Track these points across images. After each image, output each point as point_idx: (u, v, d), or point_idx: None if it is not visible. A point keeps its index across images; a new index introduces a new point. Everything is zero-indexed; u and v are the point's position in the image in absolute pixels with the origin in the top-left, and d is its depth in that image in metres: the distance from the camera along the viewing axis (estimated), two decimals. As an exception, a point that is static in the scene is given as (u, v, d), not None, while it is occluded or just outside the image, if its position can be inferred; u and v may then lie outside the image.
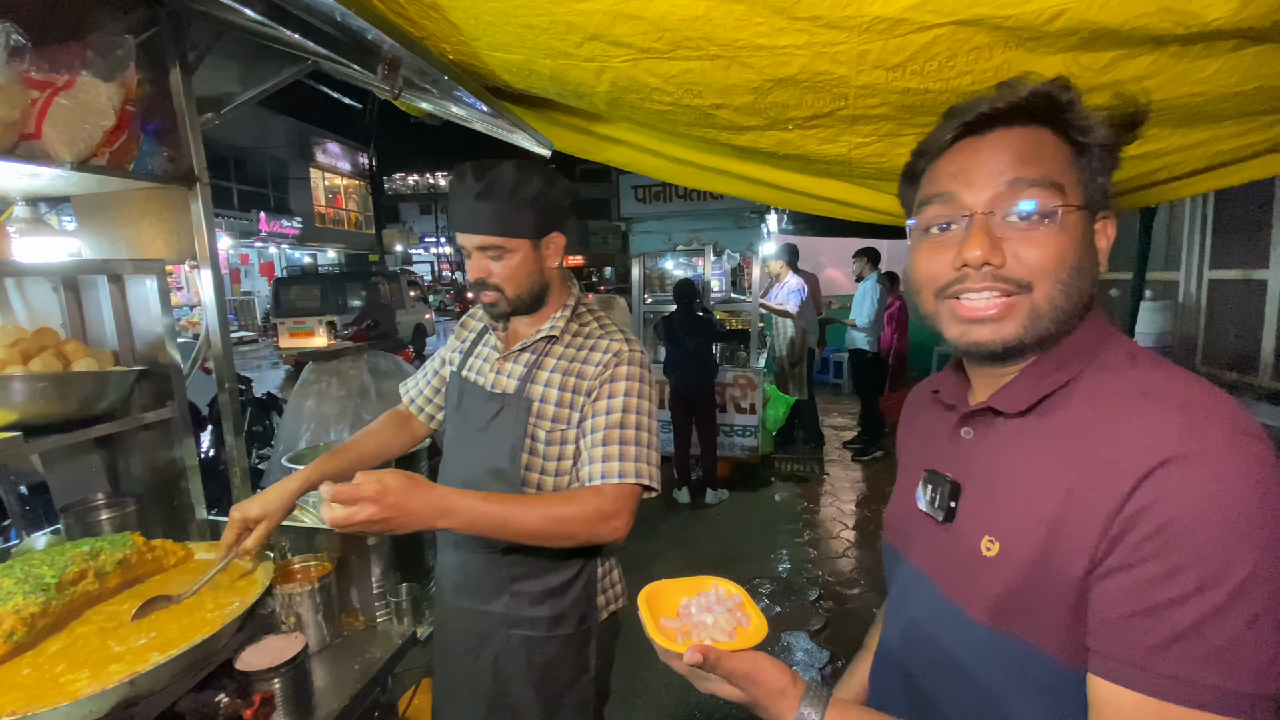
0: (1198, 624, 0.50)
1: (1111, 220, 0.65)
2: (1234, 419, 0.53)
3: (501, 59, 1.02)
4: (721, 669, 0.62)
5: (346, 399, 3.47)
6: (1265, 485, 0.50)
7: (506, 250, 1.18)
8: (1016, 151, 0.61)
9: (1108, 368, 0.62)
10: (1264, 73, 0.99)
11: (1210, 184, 1.55)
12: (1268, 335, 5.19)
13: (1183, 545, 0.50)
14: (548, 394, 1.23)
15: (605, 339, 1.24)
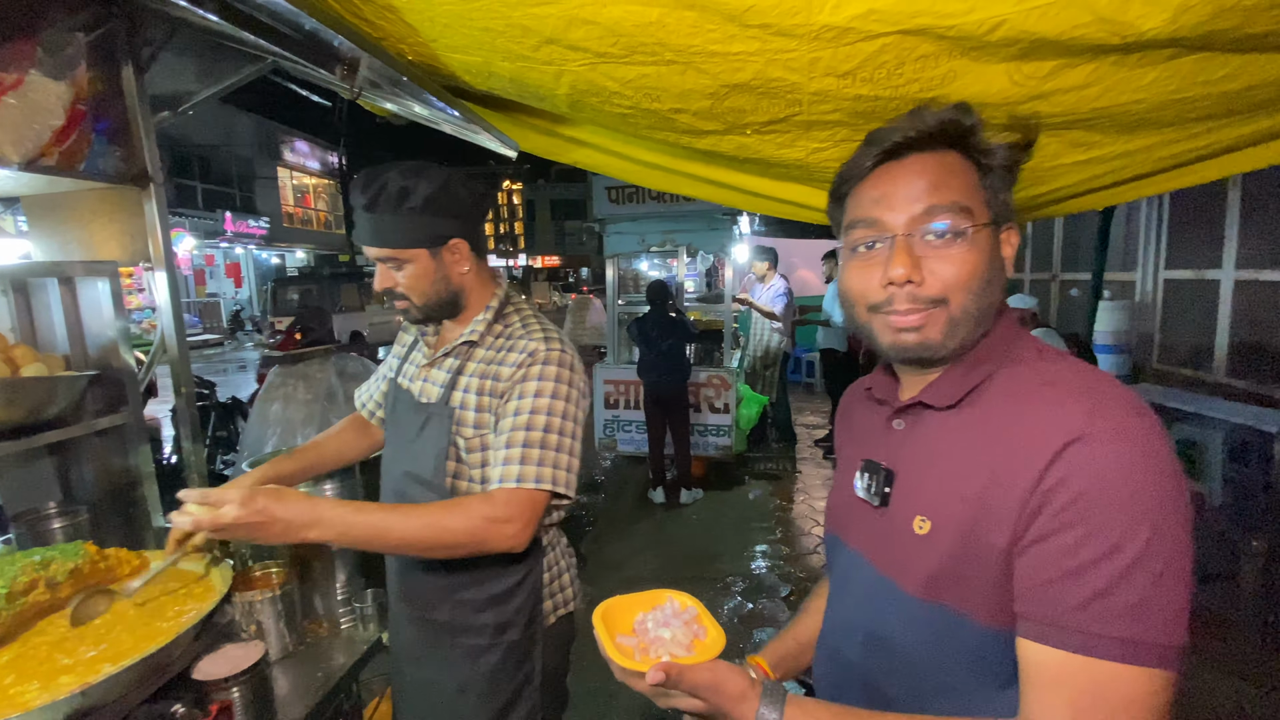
0: (1111, 584, 0.55)
1: (1015, 230, 0.72)
2: (1129, 402, 0.61)
3: (461, 60, 1.02)
4: (685, 684, 0.64)
5: (313, 403, 3.42)
6: (1158, 457, 0.57)
7: (404, 261, 1.15)
8: (929, 178, 0.67)
9: (1020, 362, 0.69)
10: (1201, 80, 1.03)
11: (1156, 188, 1.62)
12: (1220, 333, 5.40)
13: (1093, 514, 0.56)
14: (468, 400, 1.20)
15: (524, 339, 1.20)
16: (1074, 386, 0.63)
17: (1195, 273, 5.67)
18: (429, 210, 1.12)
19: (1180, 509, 0.57)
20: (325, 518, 1.02)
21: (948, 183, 0.67)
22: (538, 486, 1.10)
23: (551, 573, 1.30)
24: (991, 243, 0.68)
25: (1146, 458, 0.57)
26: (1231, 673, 2.65)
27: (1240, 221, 5.16)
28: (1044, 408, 0.62)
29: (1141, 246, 6.29)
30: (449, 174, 1.15)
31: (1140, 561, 0.55)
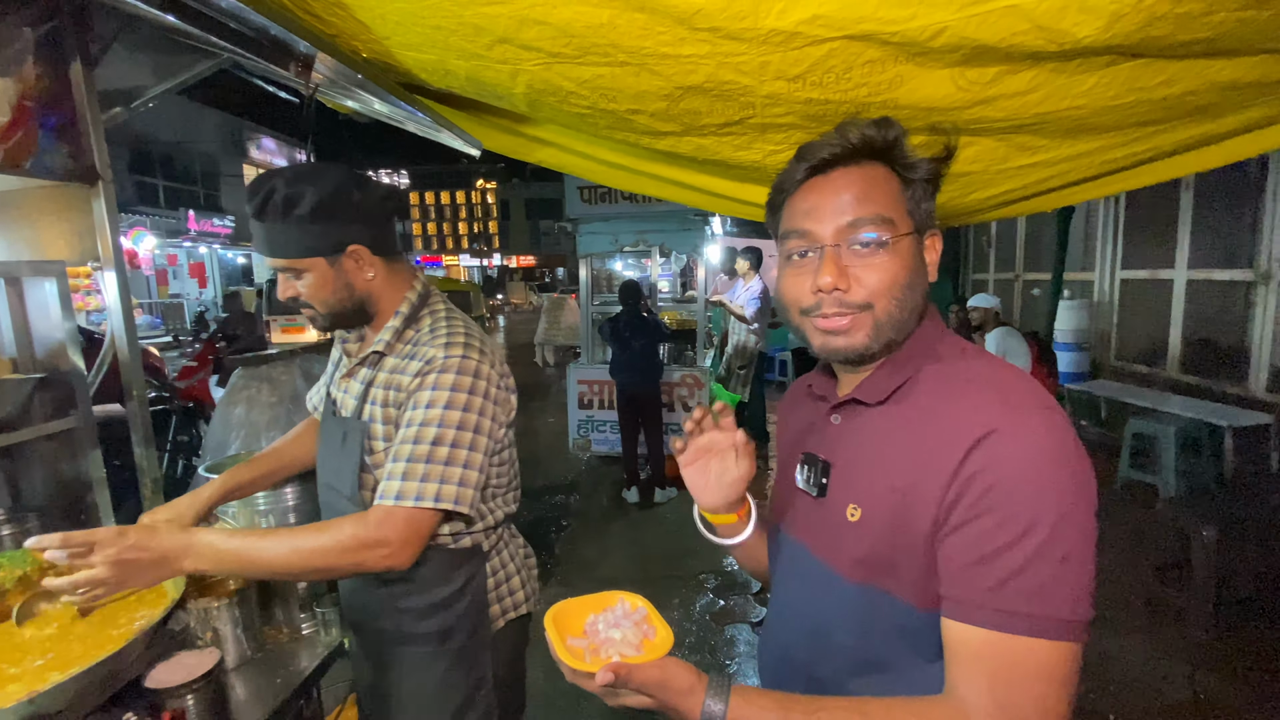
0: (1021, 566, 0.60)
1: (938, 236, 0.76)
2: (1038, 398, 0.66)
3: (415, 58, 1.02)
4: (634, 683, 0.65)
5: (278, 405, 3.34)
6: (1065, 448, 0.63)
7: (301, 270, 1.11)
8: (854, 192, 0.72)
9: (944, 359, 0.74)
10: (1139, 86, 1.07)
11: (1103, 190, 1.67)
12: (1173, 331, 5.60)
13: (1004, 502, 0.61)
14: (374, 413, 1.16)
15: (427, 346, 1.13)
16: (989, 384, 0.68)
17: (1150, 272, 5.87)
18: (320, 217, 1.07)
19: (1084, 496, 0.62)
20: (197, 545, 0.98)
21: (871, 195, 0.71)
22: (417, 505, 1.04)
23: (497, 577, 1.27)
24: (914, 250, 0.73)
25: (1053, 450, 0.62)
26: (1185, 659, 2.75)
27: (1192, 223, 5.36)
28: (962, 404, 0.67)
29: (1099, 247, 6.50)
30: (341, 177, 1.09)
31: (1047, 545, 0.60)
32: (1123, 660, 2.77)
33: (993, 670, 0.61)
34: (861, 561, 0.72)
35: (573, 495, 5.22)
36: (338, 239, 1.10)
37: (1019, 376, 0.70)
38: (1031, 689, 0.60)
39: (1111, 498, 4.51)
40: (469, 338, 1.15)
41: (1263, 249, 4.63)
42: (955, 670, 0.64)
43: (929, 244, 0.76)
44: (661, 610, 0.77)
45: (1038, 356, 4.91)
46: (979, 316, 4.94)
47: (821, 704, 0.65)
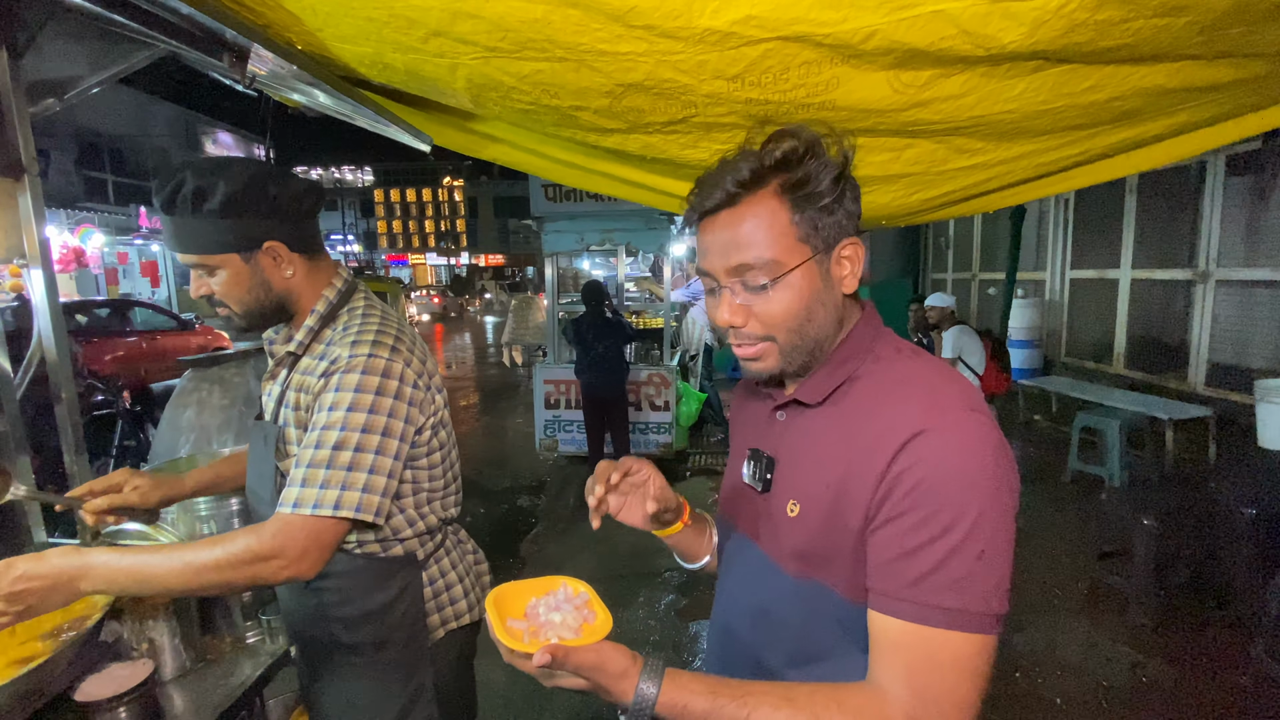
0: (940, 562, 0.63)
1: (855, 244, 0.75)
2: (966, 399, 0.69)
3: (351, 51, 1.00)
4: (570, 664, 0.65)
5: (230, 408, 3.24)
6: (986, 449, 0.65)
7: (214, 267, 1.06)
8: (736, 235, 0.72)
9: (880, 359, 0.77)
10: (1067, 92, 1.11)
11: (1040, 192, 1.73)
12: (1119, 329, 5.83)
13: (927, 500, 0.64)
14: (287, 416, 1.12)
15: (336, 345, 1.08)
16: (920, 385, 0.71)
17: (1097, 272, 6.11)
18: (232, 211, 1.02)
19: (1003, 496, 0.64)
20: (90, 566, 0.93)
21: (753, 238, 0.71)
22: (315, 513, 0.98)
23: (435, 586, 1.23)
24: (811, 277, 0.73)
25: (975, 450, 0.65)
26: (1127, 643, 2.87)
27: (1136, 225, 5.59)
28: (894, 405, 0.70)
29: (1050, 248, 6.73)
30: (256, 170, 1.05)
31: (965, 542, 0.62)
32: (1068, 645, 2.87)
33: (910, 660, 0.64)
34: (800, 556, 0.75)
35: (539, 495, 5.19)
36: (253, 235, 1.06)
37: (949, 378, 0.72)
38: (946, 678, 0.63)
39: (1060, 488, 4.67)
40: (381, 334, 1.10)
41: (1201, 249, 4.86)
42: (876, 659, 0.67)
43: (842, 255, 0.75)
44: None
45: (991, 353, 5.07)
46: (935, 315, 5.06)
47: (750, 689, 0.66)
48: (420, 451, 1.15)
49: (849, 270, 0.76)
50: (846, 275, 0.76)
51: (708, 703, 0.65)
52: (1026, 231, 6.04)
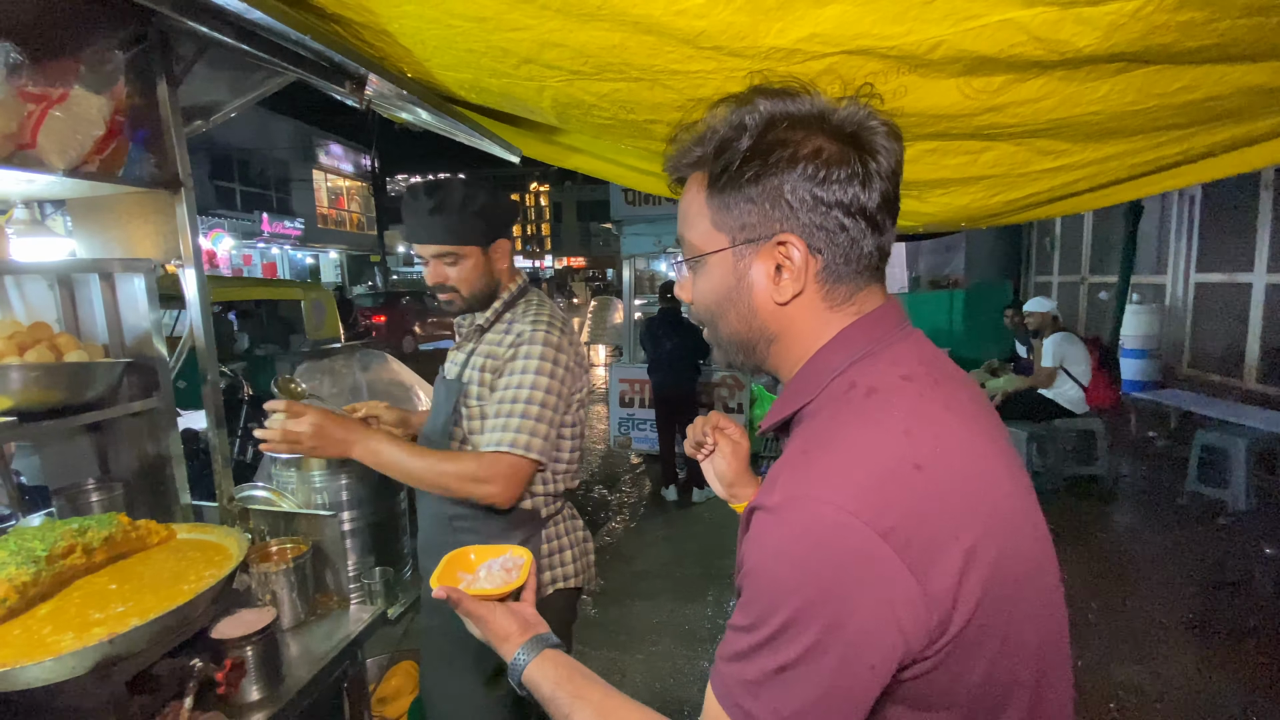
0: (745, 653, 0.55)
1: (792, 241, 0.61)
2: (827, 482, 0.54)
3: (454, 77, 1.12)
4: (461, 609, 0.78)
5: (339, 396, 3.56)
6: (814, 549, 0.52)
7: (460, 256, 1.34)
8: (679, 209, 0.70)
9: (827, 399, 0.63)
10: (1157, 92, 1.07)
11: (1140, 191, 1.64)
12: (1252, 338, 5.26)
13: (749, 585, 0.56)
14: (472, 375, 1.40)
15: (520, 323, 1.37)
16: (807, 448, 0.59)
17: (1227, 276, 5.54)
18: (485, 213, 1.32)
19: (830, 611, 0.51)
20: (368, 442, 1.27)
21: (682, 214, 0.69)
22: (511, 450, 1.27)
23: (550, 545, 1.44)
24: (722, 270, 0.66)
25: (795, 546, 0.53)
26: (1240, 681, 2.61)
27: (1272, 223, 5.02)
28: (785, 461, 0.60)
29: (1172, 249, 6.16)
30: (492, 188, 1.36)
31: (765, 648, 0.53)
32: (1173, 680, 2.65)
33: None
34: None
35: (613, 490, 5.31)
36: (494, 233, 1.36)
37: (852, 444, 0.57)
38: None
39: (1174, 511, 4.28)
40: (552, 320, 1.39)
41: (1352, 252, 4.31)
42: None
43: (777, 253, 0.62)
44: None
45: (1099, 362, 4.71)
46: (1035, 321, 4.77)
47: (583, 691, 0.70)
48: (567, 420, 1.40)
49: (788, 274, 0.62)
50: (783, 280, 0.63)
51: (550, 691, 0.71)
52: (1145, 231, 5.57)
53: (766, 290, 0.64)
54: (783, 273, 0.63)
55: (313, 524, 1.55)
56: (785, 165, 0.60)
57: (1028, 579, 0.58)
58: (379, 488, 1.80)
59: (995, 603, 0.54)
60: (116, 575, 1.22)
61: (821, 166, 0.59)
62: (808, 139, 0.60)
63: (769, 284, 0.64)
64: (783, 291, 0.63)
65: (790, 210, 0.61)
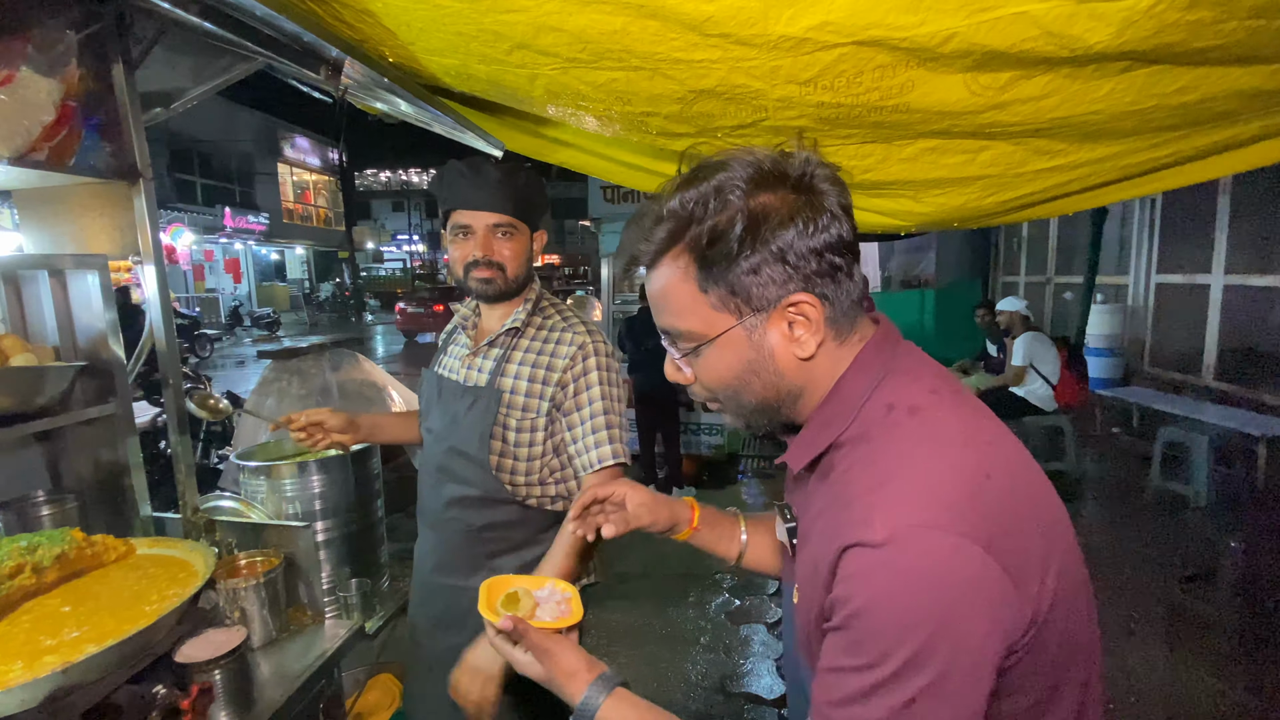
0: (863, 694, 0.54)
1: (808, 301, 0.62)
2: (925, 508, 0.54)
3: (439, 63, 1.06)
4: (528, 641, 0.71)
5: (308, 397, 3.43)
6: (935, 578, 0.52)
7: (517, 231, 1.29)
8: (654, 299, 0.68)
9: (866, 423, 0.63)
10: (1156, 93, 1.06)
11: (1125, 193, 1.65)
12: (1210, 338, 5.44)
13: (856, 625, 0.55)
14: (517, 385, 1.32)
15: (569, 331, 1.33)
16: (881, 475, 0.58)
17: (1186, 277, 5.72)
18: (539, 199, 1.30)
19: (956, 638, 0.52)
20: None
21: (664, 304, 0.66)
22: (617, 462, 1.29)
23: None
24: (736, 347, 0.64)
25: (915, 579, 0.53)
26: (1209, 671, 2.68)
27: (1229, 227, 5.20)
28: (851, 497, 0.59)
29: (1134, 251, 6.34)
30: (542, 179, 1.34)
31: (889, 684, 0.53)
32: (1144, 672, 2.71)
33: None
34: (804, 645, 0.67)
35: (591, 492, 5.25)
36: (539, 220, 1.33)
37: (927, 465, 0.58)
38: None
39: (1140, 507, 4.40)
40: (591, 325, 1.37)
41: (1305, 254, 4.48)
42: None
43: (792, 315, 0.63)
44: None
45: (1066, 362, 4.83)
46: (1006, 320, 4.86)
47: None
48: None
49: (805, 331, 0.63)
50: (801, 337, 0.63)
51: None
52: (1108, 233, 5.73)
53: (787, 350, 0.64)
54: (796, 329, 0.63)
55: (285, 535, 1.47)
56: (777, 229, 0.60)
57: (1082, 579, 0.62)
58: (355, 495, 1.73)
59: (1063, 595, 0.57)
60: (70, 596, 1.13)
61: (808, 219, 0.60)
62: (784, 197, 0.61)
63: (787, 344, 0.64)
64: (804, 347, 0.64)
65: (793, 270, 0.61)
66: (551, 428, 1.33)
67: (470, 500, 1.35)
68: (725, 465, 5.42)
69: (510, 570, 1.33)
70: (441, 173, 1.29)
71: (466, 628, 1.35)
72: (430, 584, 1.44)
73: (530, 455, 1.33)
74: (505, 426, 1.32)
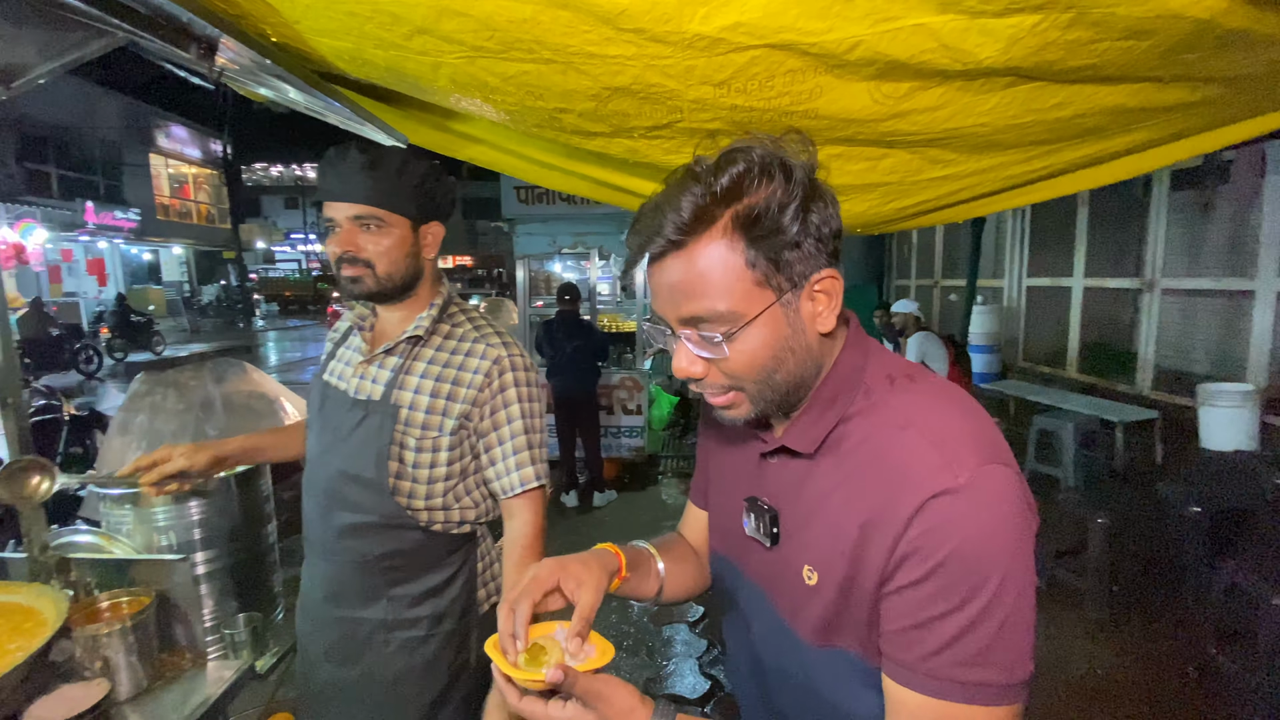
0: (959, 633, 0.58)
1: (832, 276, 0.66)
2: (982, 446, 0.61)
3: (330, 45, 0.97)
4: (578, 689, 0.63)
5: (186, 413, 3.10)
6: (1010, 509, 0.60)
7: (384, 224, 1.14)
8: (681, 285, 0.63)
9: (874, 393, 0.69)
10: (1035, 108, 1.15)
11: (1005, 204, 1.79)
12: (1072, 334, 6.06)
13: (948, 569, 0.59)
14: (418, 400, 1.19)
15: (481, 343, 1.21)
16: (929, 430, 0.63)
17: (1052, 280, 6.34)
18: (423, 188, 1.16)
19: (1025, 557, 0.60)
20: None
21: (704, 287, 0.62)
22: (540, 483, 1.23)
23: (485, 562, 1.33)
24: (776, 324, 0.65)
25: (999, 513, 0.59)
26: (1082, 636, 2.97)
27: (1088, 235, 5.82)
28: (903, 456, 0.62)
29: (1008, 256, 6.96)
30: (442, 168, 1.22)
31: (986, 612, 0.58)
32: (1029, 642, 2.97)
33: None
34: (824, 626, 0.69)
35: (508, 501, 5.12)
36: (427, 212, 1.19)
37: (959, 415, 0.64)
38: None
39: (1020, 490, 4.82)
40: (507, 336, 1.27)
41: (1147, 259, 5.08)
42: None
43: (820, 289, 0.66)
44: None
45: (954, 359, 5.21)
46: (900, 321, 5.19)
47: None
48: None
49: (825, 307, 0.66)
50: (822, 312, 0.67)
51: None
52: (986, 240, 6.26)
53: (813, 326, 0.67)
54: (819, 304, 0.67)
55: (156, 570, 1.30)
56: (815, 206, 0.64)
57: None
58: (242, 520, 1.57)
59: None
60: (-128, 660, 0.95)
61: (829, 202, 0.66)
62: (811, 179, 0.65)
63: (813, 320, 0.67)
64: (827, 322, 0.67)
65: (823, 246, 0.65)
66: (460, 448, 1.21)
67: (366, 528, 1.21)
68: (645, 466, 5.45)
69: (411, 596, 1.23)
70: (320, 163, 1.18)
71: (361, 660, 1.26)
72: (322, 614, 1.30)
73: (431, 478, 1.21)
74: (403, 446, 1.19)
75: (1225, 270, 4.43)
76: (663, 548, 0.89)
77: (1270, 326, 4.08)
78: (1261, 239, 4.09)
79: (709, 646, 3.03)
